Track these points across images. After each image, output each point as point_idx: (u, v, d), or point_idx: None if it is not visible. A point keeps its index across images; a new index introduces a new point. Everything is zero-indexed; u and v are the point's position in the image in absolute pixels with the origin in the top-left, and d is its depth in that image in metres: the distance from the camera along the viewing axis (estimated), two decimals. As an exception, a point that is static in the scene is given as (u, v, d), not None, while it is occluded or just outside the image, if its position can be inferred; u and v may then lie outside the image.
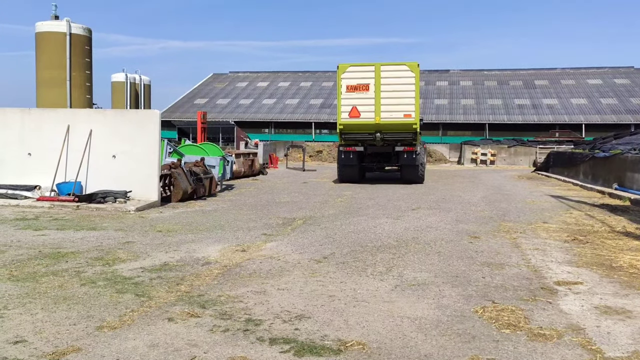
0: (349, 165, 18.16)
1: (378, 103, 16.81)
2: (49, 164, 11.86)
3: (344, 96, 17.14)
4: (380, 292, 5.24)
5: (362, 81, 16.97)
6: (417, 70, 16.90)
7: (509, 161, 34.53)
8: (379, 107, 16.82)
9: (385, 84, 16.83)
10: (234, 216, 10.32)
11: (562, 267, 6.37)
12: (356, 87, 16.97)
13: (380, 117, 16.78)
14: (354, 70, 17.16)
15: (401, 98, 16.78)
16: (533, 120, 45.14)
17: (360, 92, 16.92)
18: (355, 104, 16.99)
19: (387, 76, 16.86)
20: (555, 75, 53.46)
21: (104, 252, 6.88)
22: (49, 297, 4.96)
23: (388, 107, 16.78)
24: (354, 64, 17.27)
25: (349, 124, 17.21)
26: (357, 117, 16.96)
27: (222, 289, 5.28)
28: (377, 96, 16.83)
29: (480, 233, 8.64)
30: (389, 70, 16.86)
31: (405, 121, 16.82)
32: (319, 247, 7.38)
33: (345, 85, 17.11)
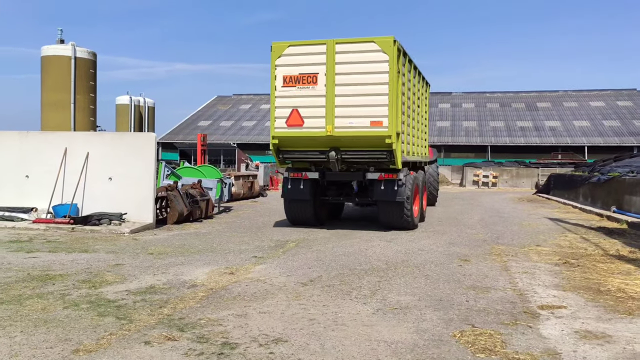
0: (299, 201, 12.02)
1: (331, 103, 10.76)
2: (46, 186, 11.96)
3: (279, 92, 11.20)
4: (361, 316, 5.23)
5: (308, 69, 10.99)
6: (392, 49, 10.49)
7: (511, 183, 34.48)
8: (332, 109, 10.75)
9: (342, 72, 10.76)
10: (227, 238, 10.35)
11: (548, 291, 6.34)
12: (298, 78, 11.03)
13: (334, 125, 10.74)
14: (296, 51, 11.12)
15: (367, 95, 10.66)
16: (535, 143, 45.24)
17: (304, 85, 10.98)
18: (296, 105, 11.07)
19: (346, 60, 10.74)
20: (557, 98, 53.71)
21: (92, 275, 6.91)
22: (30, 320, 4.98)
23: (347, 110, 10.75)
24: (295, 42, 11.21)
25: (287, 137, 11.26)
26: (299, 125, 11.06)
27: (204, 312, 5.29)
28: (329, 92, 10.77)
29: (471, 256, 8.62)
30: (348, 51, 10.74)
31: (372, 132, 10.62)
32: (307, 270, 7.38)
33: (281, 76, 11.17)
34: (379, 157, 11.12)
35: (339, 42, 10.88)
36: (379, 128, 10.67)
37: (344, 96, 10.86)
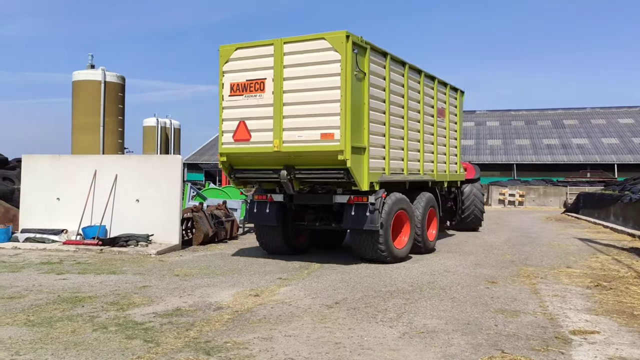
0: (267, 227, 10.68)
1: (279, 113, 9.25)
2: (76, 208, 12.22)
3: (226, 103, 9.86)
4: (387, 340, 5.18)
5: (255, 74, 9.53)
6: (344, 47, 8.75)
7: (538, 202, 33.91)
8: (279, 121, 9.24)
9: (291, 76, 9.23)
10: (251, 260, 10.38)
11: (581, 315, 6.19)
12: (245, 85, 9.62)
13: (282, 139, 9.25)
14: (243, 55, 9.70)
15: (317, 103, 9.02)
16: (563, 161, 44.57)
17: (252, 93, 9.54)
18: (243, 117, 9.67)
19: (296, 62, 9.21)
20: (585, 115, 52.93)
21: (120, 297, 7.00)
22: (60, 342, 5.06)
23: (296, 121, 9.17)
24: (243, 45, 9.76)
25: (235, 154, 9.89)
26: (247, 140, 9.64)
27: (230, 335, 5.30)
28: (276, 101, 9.27)
29: (499, 278, 8.48)
30: (298, 52, 9.21)
31: (323, 146, 8.94)
32: (332, 292, 7.35)
33: (228, 84, 9.83)
34: (336, 177, 9.22)
35: (288, 41, 9.28)
36: (330, 142, 8.87)
37: (293, 105, 9.21)
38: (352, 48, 8.83)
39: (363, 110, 9.28)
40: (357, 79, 9.07)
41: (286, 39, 9.33)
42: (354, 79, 8.96)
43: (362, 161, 9.24)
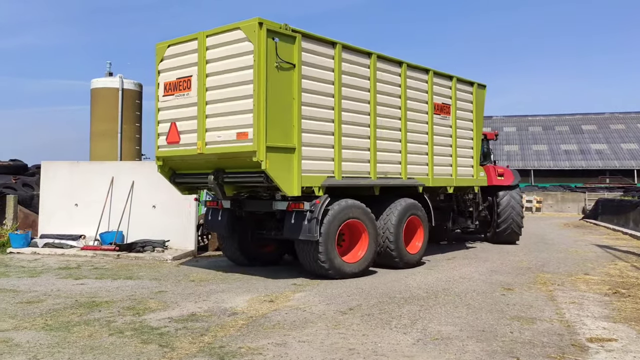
0: (225, 237, 10.13)
1: (202, 113, 8.58)
2: (93, 214, 12.38)
3: (161, 103, 9.29)
4: (402, 346, 5.16)
5: (184, 72, 8.90)
6: (256, 36, 7.86)
7: (556, 208, 33.51)
8: (203, 120, 8.57)
9: (213, 72, 8.52)
10: (266, 266, 10.40)
11: (598, 323, 6.11)
12: (176, 84, 9.01)
13: (205, 140, 8.55)
14: (175, 51, 9.09)
15: (233, 100, 8.23)
16: (581, 166, 44.03)
17: (181, 92, 8.92)
18: (174, 118, 9.07)
19: (217, 56, 8.48)
20: (603, 120, 52.30)
21: (136, 302, 7.07)
22: (77, 347, 5.12)
23: (217, 121, 8.44)
24: (174, 41, 9.13)
25: (169, 157, 9.31)
26: (177, 142, 9.03)
27: (244, 341, 5.32)
28: (200, 99, 8.61)
29: (515, 285, 8.40)
30: (218, 45, 8.46)
31: (238, 147, 8.13)
32: (346, 298, 7.35)
33: (162, 83, 9.26)
34: (257, 181, 8.34)
35: (209, 34, 8.54)
36: (245, 142, 8.01)
37: (214, 103, 8.47)
38: (272, 37, 8.00)
39: (292, 105, 8.28)
40: (281, 70, 8.11)
41: (208, 31, 8.59)
42: (274, 70, 8.02)
43: (290, 163, 8.21)
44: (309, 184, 8.51)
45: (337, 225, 8.69)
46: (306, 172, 8.44)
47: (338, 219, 8.69)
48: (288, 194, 8.24)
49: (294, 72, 8.32)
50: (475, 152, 12.64)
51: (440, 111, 11.45)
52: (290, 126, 8.28)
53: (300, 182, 8.32)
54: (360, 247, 9.22)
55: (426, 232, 10.63)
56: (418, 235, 10.51)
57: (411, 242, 10.37)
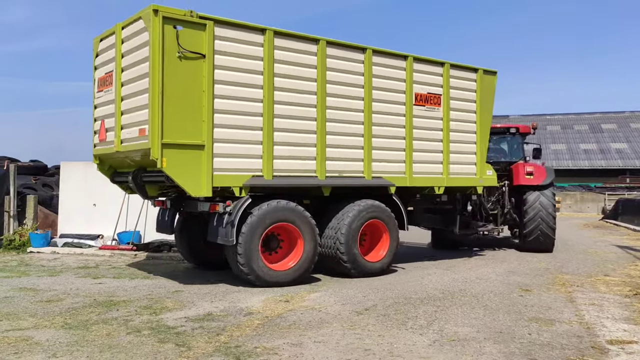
0: (176, 238, 9.93)
1: (119, 108, 8.22)
2: (111, 214, 12.51)
3: (96, 100, 9.01)
4: (418, 347, 5.13)
5: (108, 67, 8.57)
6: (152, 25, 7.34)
7: (575, 208, 33.08)
8: (119, 117, 8.22)
9: (125, 66, 8.12)
10: (282, 266, 10.42)
11: (618, 325, 6.01)
12: (104, 79, 8.69)
13: (120, 137, 8.20)
14: (105, 45, 8.73)
15: (137, 94, 7.82)
16: (601, 166, 43.43)
17: (106, 88, 8.61)
18: (102, 115, 8.79)
19: (128, 48, 8.07)
20: (623, 119, 51.47)
21: (153, 301, 7.13)
22: (95, 345, 5.18)
23: (128, 117, 8.08)
24: (104, 34, 8.75)
25: (100, 155, 9.03)
26: (104, 140, 8.73)
27: (260, 341, 5.33)
28: (117, 95, 8.24)
29: (533, 286, 8.30)
30: (128, 36, 8.05)
31: (138, 145, 7.73)
32: (362, 298, 7.33)
33: (97, 79, 8.98)
34: (161, 181, 8.02)
35: (124, 25, 8.10)
36: (144, 139, 7.54)
37: (126, 98, 8.07)
38: (173, 25, 7.42)
39: (201, 99, 7.65)
40: (185, 61, 7.51)
41: (123, 22, 8.13)
42: (176, 62, 7.45)
43: (197, 161, 7.60)
44: (227, 183, 7.85)
45: (263, 228, 7.96)
46: (221, 171, 7.79)
47: (264, 222, 7.95)
48: (193, 195, 7.68)
49: (203, 62, 7.65)
50: (480, 147, 11.03)
51: (425, 102, 10.10)
52: (199, 121, 7.64)
53: (212, 182, 7.68)
54: (295, 253, 8.37)
55: (394, 238, 9.41)
56: (383, 241, 9.37)
57: (373, 248, 9.40)
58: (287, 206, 8.21)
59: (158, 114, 7.31)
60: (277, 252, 8.46)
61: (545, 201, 12.26)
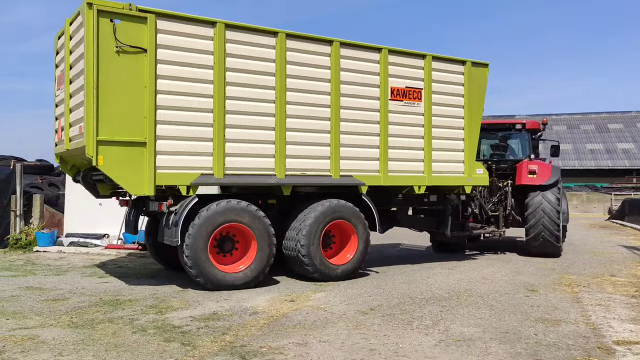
0: (146, 239, 9.92)
1: (67, 105, 8.16)
2: (117, 214, 12.51)
3: (56, 98, 8.97)
4: (423, 347, 5.12)
5: (63, 64, 8.47)
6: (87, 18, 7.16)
7: (581, 208, 32.94)
8: (67, 115, 8.16)
9: (72, 62, 8.04)
10: (288, 265, 10.42)
11: (625, 325, 5.98)
12: (61, 77, 8.61)
13: (69, 135, 8.13)
14: (60, 42, 8.69)
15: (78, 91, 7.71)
16: (607, 166, 43.22)
17: (62, 86, 8.54)
18: (59, 113, 8.77)
19: (72, 44, 8.01)
20: (630, 119, 51.17)
21: (159, 300, 7.14)
22: (101, 344, 5.20)
23: (73, 115, 8.00)
24: (60, 31, 8.66)
25: (61, 154, 8.87)
26: (60, 139, 8.68)
27: (265, 340, 5.34)
28: (67, 92, 8.18)
29: (539, 286, 8.27)
30: (73, 32, 7.96)
31: (78, 144, 7.68)
32: (367, 298, 7.32)
33: (56, 77, 8.92)
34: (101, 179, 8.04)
35: (71, 20, 7.98)
36: (82, 137, 7.41)
37: (73, 95, 7.94)
38: (110, 18, 7.19)
39: (143, 94, 7.39)
40: (124, 55, 7.27)
41: (70, 17, 8.00)
42: (114, 56, 7.23)
43: (137, 159, 7.37)
44: (172, 182, 7.61)
45: (211, 229, 7.68)
46: (165, 169, 7.55)
47: (212, 222, 7.67)
48: (133, 194, 7.54)
49: (145, 57, 7.40)
50: (468, 144, 10.31)
51: (404, 96, 9.54)
52: (140, 118, 7.39)
53: (155, 181, 7.44)
54: (248, 256, 8.06)
55: (363, 240, 8.90)
56: (351, 243, 8.90)
57: (339, 250, 8.96)
58: (238, 206, 7.86)
59: (92, 110, 7.10)
60: (232, 254, 8.13)
61: (548, 206, 11.35)
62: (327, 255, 8.72)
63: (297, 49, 8.53)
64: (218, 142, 7.87)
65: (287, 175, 8.41)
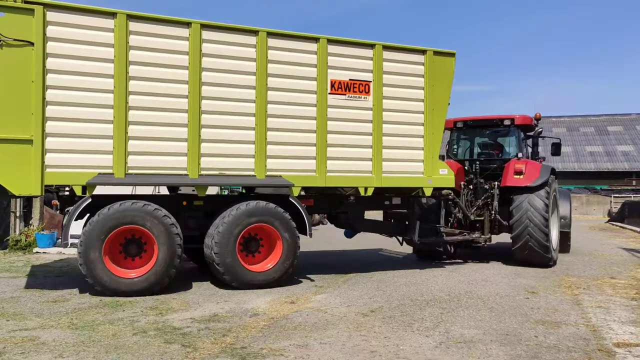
0: None
1: None
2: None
3: None
4: (424, 349, 5.12)
5: None
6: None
7: (581, 211, 32.97)
8: None
9: None
10: (288, 267, 10.41)
11: (625, 327, 5.98)
12: None
13: None
14: None
15: None
16: (607, 168, 43.27)
17: None
18: None
19: None
20: (630, 121, 51.24)
21: (159, 302, 7.14)
22: (102, 345, 5.19)
23: None
24: None
25: None
26: None
27: (266, 342, 5.34)
28: None
29: (539, 288, 8.27)
30: None
31: None
32: (367, 300, 7.32)
33: None
34: None
35: None
36: None
37: None
38: None
39: (29, 90, 7.04)
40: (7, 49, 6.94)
41: None
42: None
43: (23, 157, 7.02)
44: (63, 181, 7.32)
45: (106, 232, 7.36)
46: (56, 168, 7.18)
47: (107, 225, 7.35)
48: (17, 193, 7.13)
49: (32, 50, 7.03)
50: (430, 142, 9.31)
51: (347, 90, 8.77)
52: (27, 114, 7.02)
53: (43, 180, 7.09)
54: (152, 261, 7.63)
55: (288, 245, 8.23)
56: (276, 250, 8.27)
57: (267, 256, 8.37)
58: (139, 208, 7.49)
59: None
60: (141, 257, 7.74)
61: (535, 214, 10.16)
62: (253, 262, 8.24)
63: (216, 40, 7.96)
64: (119, 140, 7.44)
65: (201, 175, 7.88)
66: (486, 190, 11.34)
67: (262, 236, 8.36)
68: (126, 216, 7.43)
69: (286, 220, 8.29)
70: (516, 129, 11.80)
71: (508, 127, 11.78)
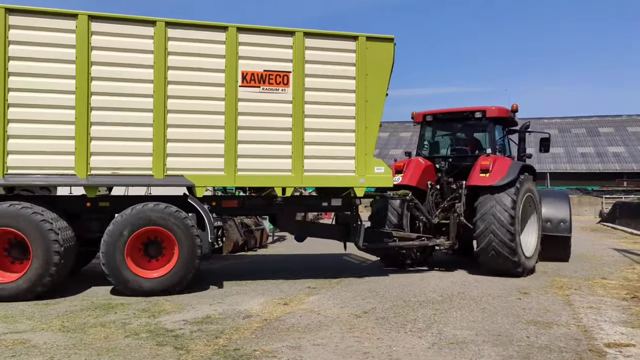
0: None
1: None
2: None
3: None
4: (417, 350, 5.13)
5: None
6: None
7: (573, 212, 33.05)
8: None
9: None
10: (281, 268, 10.42)
11: (616, 328, 6.02)
12: None
13: None
14: None
15: None
16: (598, 169, 43.58)
17: None
18: None
19: None
20: (621, 122, 51.69)
21: (151, 304, 7.11)
22: (93, 348, 5.17)
23: None
24: None
25: None
26: None
27: (259, 344, 5.33)
28: None
29: (531, 289, 8.31)
30: None
31: None
32: (360, 301, 7.33)
33: None
34: None
35: None
36: None
37: None
38: None
39: None
40: None
41: None
42: None
43: None
44: None
45: None
46: None
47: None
48: None
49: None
50: (362, 137, 8.48)
51: (261, 82, 8.12)
52: None
53: None
54: (23, 268, 7.28)
55: (184, 250, 7.68)
56: (174, 254, 7.75)
57: (156, 263, 7.83)
58: (13, 210, 7.18)
59: None
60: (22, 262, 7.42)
61: (501, 210, 9.18)
62: (152, 267, 7.78)
63: (105, 32, 7.58)
64: None
65: (91, 175, 7.49)
66: (453, 190, 10.40)
67: (163, 240, 7.82)
68: (7, 219, 7.14)
69: (184, 223, 7.70)
70: (490, 122, 10.60)
71: (480, 120, 10.63)
